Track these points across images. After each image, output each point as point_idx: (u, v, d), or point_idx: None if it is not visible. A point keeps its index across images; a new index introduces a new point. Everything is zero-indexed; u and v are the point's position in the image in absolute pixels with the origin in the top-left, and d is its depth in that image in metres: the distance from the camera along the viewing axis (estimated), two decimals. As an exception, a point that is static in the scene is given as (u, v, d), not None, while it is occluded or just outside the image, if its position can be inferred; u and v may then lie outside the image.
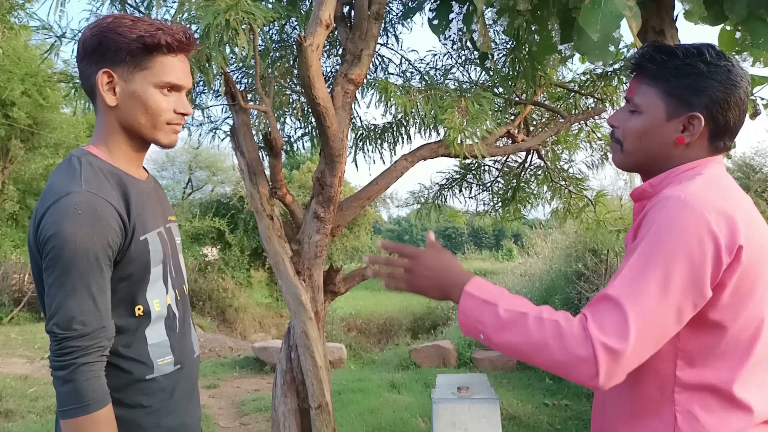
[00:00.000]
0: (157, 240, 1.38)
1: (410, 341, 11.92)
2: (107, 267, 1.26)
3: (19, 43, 11.83)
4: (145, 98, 1.33)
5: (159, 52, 1.32)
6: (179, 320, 1.44)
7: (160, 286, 1.38)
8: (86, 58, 1.34)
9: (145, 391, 1.34)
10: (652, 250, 1.11)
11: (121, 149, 1.38)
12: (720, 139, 1.25)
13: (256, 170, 3.01)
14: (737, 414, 1.17)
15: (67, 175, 1.28)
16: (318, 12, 2.55)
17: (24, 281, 13.44)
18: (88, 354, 1.21)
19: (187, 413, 1.44)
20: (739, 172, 7.33)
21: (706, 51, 1.23)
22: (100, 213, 1.24)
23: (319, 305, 3.07)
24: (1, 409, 5.88)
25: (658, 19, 2.78)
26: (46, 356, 8.81)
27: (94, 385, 1.21)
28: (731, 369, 1.17)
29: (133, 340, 1.33)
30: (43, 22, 3.06)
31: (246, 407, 6.08)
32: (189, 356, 1.47)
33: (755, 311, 1.17)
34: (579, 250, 8.89)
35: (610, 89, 4.00)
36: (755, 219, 1.19)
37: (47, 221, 1.22)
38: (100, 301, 1.24)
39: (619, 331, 1.07)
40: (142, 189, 1.40)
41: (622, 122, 1.31)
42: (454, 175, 4.66)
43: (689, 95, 1.22)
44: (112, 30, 1.30)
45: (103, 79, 1.32)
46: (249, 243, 14.90)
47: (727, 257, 1.11)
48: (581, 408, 5.83)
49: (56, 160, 16.35)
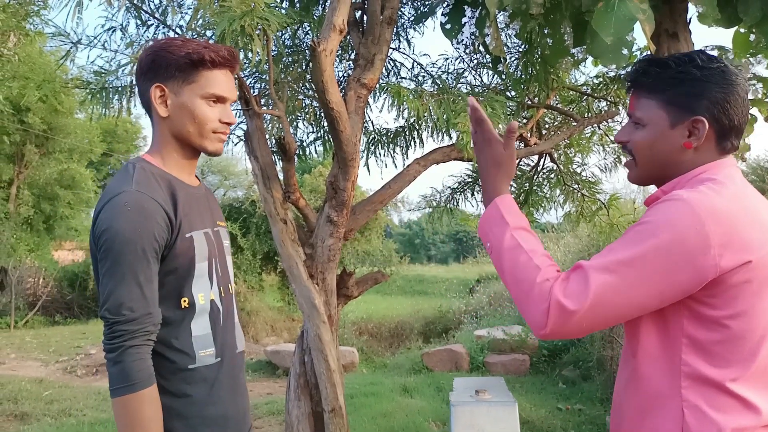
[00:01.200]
0: (203, 239, 1.49)
1: (422, 345, 11.88)
2: (154, 259, 1.37)
3: (34, 50, 11.98)
4: (192, 109, 1.47)
5: (204, 67, 1.47)
6: (223, 315, 1.54)
7: (205, 281, 1.48)
8: (143, 76, 1.49)
9: (188, 380, 1.43)
10: (635, 233, 1.17)
11: (173, 157, 1.52)
12: (727, 139, 1.27)
13: (270, 174, 3.03)
14: (743, 412, 1.18)
15: (121, 178, 1.42)
16: (331, 17, 2.57)
17: (38, 285, 13.57)
18: (135, 338, 1.32)
19: (230, 405, 1.51)
20: (754, 175, 7.27)
21: (696, 57, 1.27)
22: (148, 210, 1.36)
23: (332, 309, 3.07)
24: (17, 411, 5.93)
25: (671, 22, 2.77)
26: (60, 359, 8.90)
27: (140, 366, 1.32)
28: (737, 368, 1.18)
29: (179, 331, 1.43)
30: (59, 28, 3.10)
31: (259, 411, 6.10)
32: (231, 350, 1.55)
33: (763, 315, 1.18)
34: (592, 253, 8.84)
35: (623, 92, 3.98)
36: (766, 222, 1.19)
37: (101, 218, 1.36)
38: (146, 290, 1.35)
39: (577, 295, 1.15)
40: (192, 193, 1.53)
41: (629, 137, 1.34)
42: (466, 179, 4.65)
43: (689, 101, 1.25)
44: (164, 49, 1.46)
45: (156, 93, 1.47)
46: (261, 247, 14.94)
47: (719, 258, 1.12)
48: (595, 412, 5.79)
49: (70, 165, 16.54)
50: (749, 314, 1.17)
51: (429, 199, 4.80)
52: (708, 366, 1.19)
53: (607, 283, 1.14)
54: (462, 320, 13.43)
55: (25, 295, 12.93)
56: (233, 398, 1.54)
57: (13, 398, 6.33)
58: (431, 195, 4.80)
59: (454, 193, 4.70)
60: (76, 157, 17.18)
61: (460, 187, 4.68)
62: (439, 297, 18.99)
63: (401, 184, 3.28)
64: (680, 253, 1.13)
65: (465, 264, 30.73)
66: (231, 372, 1.54)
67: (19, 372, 7.90)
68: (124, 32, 3.17)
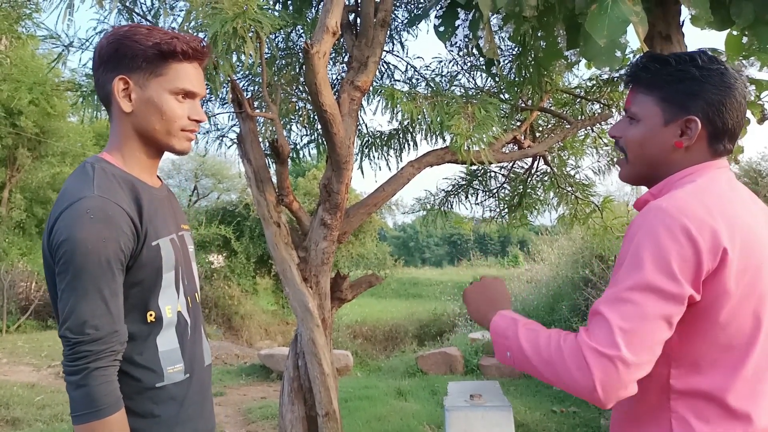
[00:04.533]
0: (169, 246, 1.38)
1: (416, 348, 11.88)
2: (119, 271, 1.26)
3: (26, 53, 11.92)
4: (160, 104, 1.35)
5: (174, 59, 1.35)
6: (190, 327, 1.44)
7: (171, 292, 1.38)
8: (102, 66, 1.36)
9: (155, 399, 1.33)
10: (632, 260, 1.15)
11: (135, 156, 1.39)
12: (719, 141, 1.26)
13: (263, 177, 3.01)
14: (734, 423, 1.17)
15: (80, 181, 1.29)
16: (324, 19, 2.56)
17: (31, 289, 13.47)
18: (100, 359, 1.21)
19: (199, 423, 1.42)
20: (746, 178, 7.30)
21: (697, 56, 1.26)
22: (112, 217, 1.24)
23: (326, 312, 3.06)
24: (9, 417, 5.88)
25: (664, 24, 2.77)
26: (53, 364, 8.83)
27: (106, 390, 1.20)
28: (726, 376, 1.17)
29: (144, 347, 1.32)
30: (50, 31, 3.08)
31: (253, 415, 6.07)
32: (199, 365, 1.46)
33: (747, 318, 1.17)
34: (586, 256, 8.86)
35: (617, 95, 3.99)
36: (752, 226, 1.18)
37: (59, 226, 1.23)
38: (112, 305, 1.23)
39: (606, 340, 1.10)
40: (155, 196, 1.41)
41: (623, 132, 1.34)
42: (460, 182, 4.65)
43: (685, 100, 1.24)
44: (129, 38, 1.33)
45: (119, 86, 1.34)
46: (255, 250, 14.91)
47: (709, 262, 1.12)
48: (589, 415, 5.79)
49: (63, 168, 16.45)
50: (736, 318, 1.16)
51: (423, 202, 4.79)
52: (696, 376, 1.19)
53: (627, 312, 1.11)
54: (456, 323, 13.43)
55: (18, 300, 12.83)
56: (202, 416, 1.44)
57: (5, 403, 6.27)
58: (425, 198, 4.79)
59: (448, 196, 4.69)
60: (68, 161, 17.09)
61: (454, 190, 4.67)
62: (433, 300, 19.01)
63: (395, 186, 3.27)
64: (678, 264, 1.12)
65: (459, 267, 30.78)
66: (200, 388, 1.44)
67: (10, 377, 7.84)
68: (115, 35, 3.15)
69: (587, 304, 8.13)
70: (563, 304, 8.88)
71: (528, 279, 12.14)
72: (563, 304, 8.88)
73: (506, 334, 1.26)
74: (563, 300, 9.07)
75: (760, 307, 1.17)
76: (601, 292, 7.95)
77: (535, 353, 1.18)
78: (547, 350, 1.16)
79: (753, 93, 2.83)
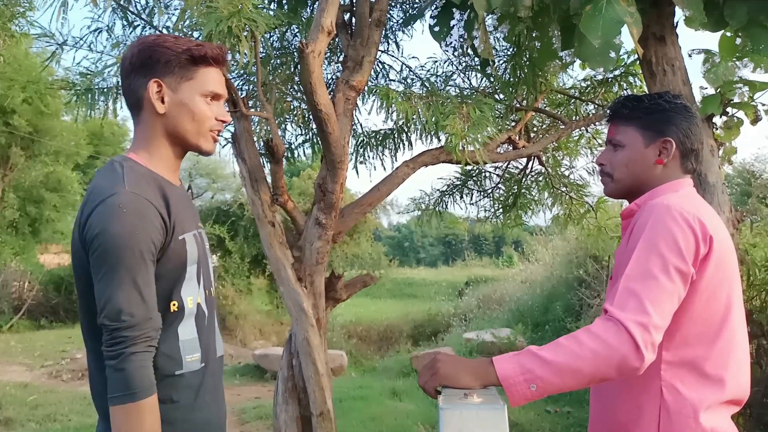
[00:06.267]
0: (193, 241, 1.46)
1: (411, 348, 11.90)
2: (151, 262, 1.34)
3: (20, 51, 11.86)
4: (192, 106, 1.45)
5: (203, 63, 1.46)
6: (207, 319, 1.52)
7: (194, 284, 1.46)
8: (134, 72, 1.45)
9: (174, 386, 1.40)
10: (648, 244, 1.37)
11: (162, 156, 1.48)
12: (688, 159, 1.56)
13: (258, 177, 3.01)
14: (711, 388, 1.39)
15: (110, 179, 1.37)
16: (319, 19, 2.56)
17: (24, 289, 13.43)
18: (136, 344, 1.28)
19: (213, 411, 1.50)
20: (740, 179, 7.33)
21: (664, 95, 1.57)
22: (143, 212, 1.33)
23: (320, 312, 3.06)
24: (1, 417, 5.86)
25: (658, 25, 2.78)
26: (45, 364, 8.80)
27: (142, 375, 1.28)
28: (706, 347, 1.40)
29: (167, 335, 1.39)
30: (44, 29, 3.07)
31: (247, 415, 6.07)
32: (213, 355, 1.53)
33: (723, 298, 1.42)
34: (580, 256, 8.89)
35: (611, 95, 3.99)
36: (721, 225, 1.46)
37: (93, 220, 1.31)
38: (146, 294, 1.31)
39: (639, 309, 1.29)
40: (179, 193, 1.50)
41: (609, 159, 1.60)
42: (455, 182, 4.65)
43: (660, 126, 1.54)
44: (160, 45, 1.43)
45: (153, 88, 1.43)
46: (249, 250, 14.88)
47: (703, 247, 1.37)
48: (583, 415, 5.80)
49: (56, 167, 16.39)
50: (715, 298, 1.40)
51: (418, 202, 4.79)
52: (683, 348, 1.40)
53: (651, 285, 1.32)
54: (451, 323, 13.46)
55: (10, 299, 12.78)
56: (216, 404, 1.52)
57: (-3, 403, 6.25)
58: (420, 198, 4.78)
59: (443, 196, 4.68)
60: (62, 160, 17.02)
61: (449, 190, 4.67)
62: (428, 300, 19.04)
63: (390, 186, 3.27)
64: (684, 247, 1.36)
65: (454, 267, 30.84)
66: (213, 378, 1.51)
67: (3, 377, 7.80)
68: (110, 33, 3.12)
69: (581, 304, 8.15)
70: (557, 304, 8.91)
71: (522, 279, 12.18)
72: (557, 304, 8.91)
73: (523, 369, 1.26)
74: (557, 300, 9.09)
75: (731, 290, 1.43)
76: (595, 292, 7.99)
77: (573, 358, 1.25)
78: (580, 347, 1.26)
79: (747, 94, 2.84)
